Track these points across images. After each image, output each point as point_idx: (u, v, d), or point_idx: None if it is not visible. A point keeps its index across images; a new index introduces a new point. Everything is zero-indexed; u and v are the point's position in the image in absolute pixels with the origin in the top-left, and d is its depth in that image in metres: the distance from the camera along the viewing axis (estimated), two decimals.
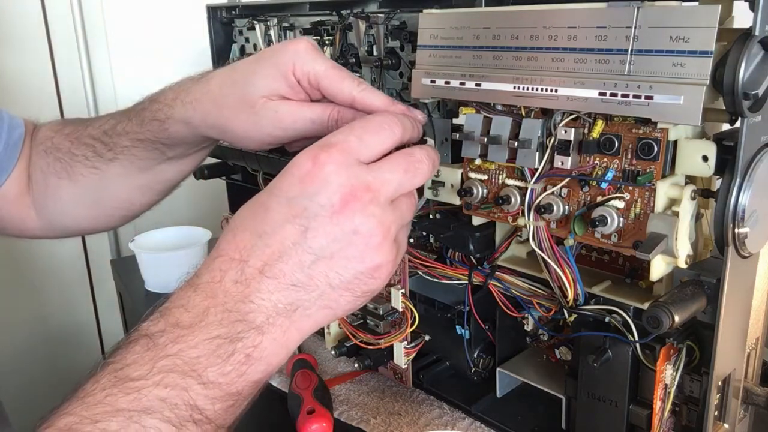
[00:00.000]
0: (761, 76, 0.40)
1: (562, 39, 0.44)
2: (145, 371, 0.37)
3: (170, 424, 0.36)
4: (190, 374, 0.37)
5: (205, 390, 0.38)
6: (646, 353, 0.48)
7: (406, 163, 0.43)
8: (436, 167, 0.46)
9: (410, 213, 0.45)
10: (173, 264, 1.00)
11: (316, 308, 0.41)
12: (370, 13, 0.63)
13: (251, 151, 0.75)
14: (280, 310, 0.40)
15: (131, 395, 0.36)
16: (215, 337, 0.39)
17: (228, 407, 0.39)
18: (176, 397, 0.37)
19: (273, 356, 0.40)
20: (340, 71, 0.51)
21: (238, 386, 0.39)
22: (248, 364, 0.39)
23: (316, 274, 0.41)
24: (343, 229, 0.40)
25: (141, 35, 1.45)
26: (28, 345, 1.47)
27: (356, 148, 0.42)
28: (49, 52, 1.39)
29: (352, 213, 0.40)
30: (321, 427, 0.58)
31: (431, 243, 0.65)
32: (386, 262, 0.42)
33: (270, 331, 0.40)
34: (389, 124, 0.44)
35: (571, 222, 0.47)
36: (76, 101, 1.43)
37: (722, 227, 0.42)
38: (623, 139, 0.45)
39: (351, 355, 0.66)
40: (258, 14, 0.78)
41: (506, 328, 0.60)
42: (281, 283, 0.40)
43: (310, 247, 0.40)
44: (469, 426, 0.61)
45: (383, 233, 0.41)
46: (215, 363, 0.38)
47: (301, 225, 0.40)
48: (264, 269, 0.40)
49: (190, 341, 0.38)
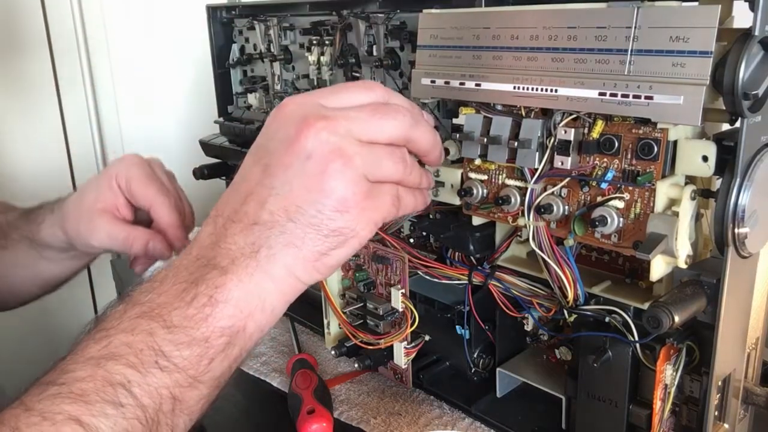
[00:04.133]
0: (761, 76, 0.40)
1: (562, 39, 0.44)
2: (116, 321, 0.38)
3: (135, 370, 0.36)
4: (155, 318, 0.38)
5: (170, 334, 0.38)
6: (646, 353, 0.48)
7: (375, 105, 0.42)
8: (421, 124, 0.44)
9: (391, 162, 0.42)
10: None
11: (280, 246, 0.40)
12: (370, 13, 0.63)
13: None
14: (245, 251, 0.40)
15: (101, 342, 0.37)
16: (182, 282, 0.39)
17: (197, 357, 0.38)
18: (141, 342, 0.37)
19: (242, 301, 0.39)
20: (148, 180, 0.64)
21: (204, 330, 0.38)
22: (212, 306, 0.38)
23: (277, 210, 0.40)
24: (298, 157, 0.39)
25: (141, 35, 1.45)
26: (28, 345, 1.47)
27: (325, 93, 0.42)
28: (49, 53, 1.39)
29: (305, 138, 0.39)
30: (321, 427, 0.58)
31: (431, 243, 0.65)
32: (352, 196, 0.40)
33: (233, 271, 0.39)
34: (366, 85, 0.44)
35: (571, 222, 0.47)
36: (76, 102, 1.43)
37: (722, 227, 0.42)
38: (623, 139, 0.45)
39: (351, 355, 0.66)
40: (258, 14, 0.78)
41: (506, 328, 0.60)
42: (245, 224, 0.40)
43: (270, 183, 0.40)
44: (469, 426, 0.61)
45: (343, 161, 0.39)
46: (179, 306, 0.38)
47: (263, 164, 0.41)
48: (232, 215, 0.41)
49: (159, 290, 0.39)
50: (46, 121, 1.42)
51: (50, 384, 0.36)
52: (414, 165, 0.45)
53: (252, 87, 0.83)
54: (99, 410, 0.35)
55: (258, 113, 0.81)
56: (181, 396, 0.38)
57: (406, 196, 0.45)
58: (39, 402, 0.35)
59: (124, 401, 0.36)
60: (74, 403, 0.35)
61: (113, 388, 0.36)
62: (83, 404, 0.35)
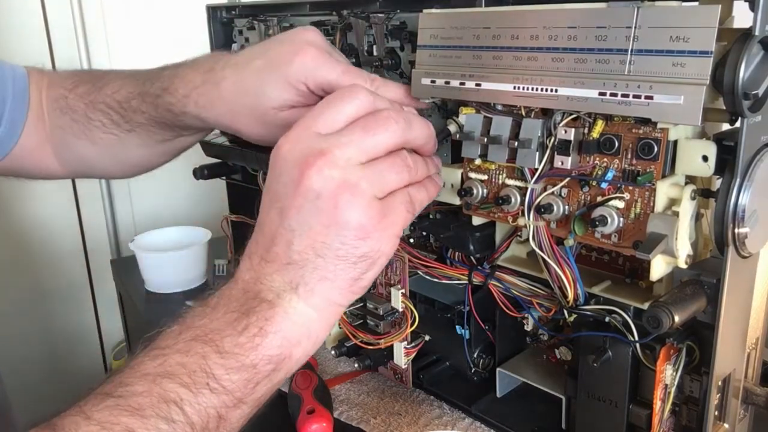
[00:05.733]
0: (761, 76, 0.40)
1: (562, 39, 0.44)
2: (172, 341, 0.40)
3: (187, 389, 0.38)
4: (208, 343, 0.40)
5: (222, 359, 0.40)
6: (646, 353, 0.48)
7: (365, 121, 0.43)
8: (412, 123, 0.44)
9: (394, 173, 0.43)
10: (173, 264, 1.00)
11: (315, 282, 0.42)
12: (370, 13, 0.63)
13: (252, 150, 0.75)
14: (286, 288, 0.42)
15: (157, 360, 0.39)
16: (233, 311, 0.41)
17: (245, 381, 0.40)
18: (194, 364, 0.39)
19: (289, 332, 0.42)
20: (351, 75, 0.51)
21: (253, 358, 0.40)
22: (262, 336, 0.41)
23: (304, 249, 0.42)
24: (307, 198, 0.41)
25: (141, 35, 1.45)
26: (28, 345, 1.47)
27: (311, 123, 0.43)
28: (50, 53, 1.39)
29: (309, 180, 0.41)
30: (321, 427, 0.58)
31: (431, 243, 0.65)
32: (369, 220, 0.41)
33: (280, 304, 0.42)
34: (350, 94, 0.44)
35: (571, 222, 0.47)
36: None
37: (722, 227, 0.42)
38: (623, 139, 0.45)
39: (351, 355, 0.66)
40: (258, 14, 0.78)
41: (506, 328, 0.60)
42: (279, 264, 0.42)
43: (289, 225, 0.42)
44: (469, 426, 0.61)
45: (351, 191, 0.41)
46: (231, 334, 0.40)
47: (278, 208, 0.42)
48: (264, 255, 0.43)
49: (212, 316, 0.42)
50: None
51: (108, 395, 0.38)
52: (417, 161, 0.46)
53: None
54: (153, 425, 0.37)
55: None
56: (226, 415, 0.40)
57: (417, 194, 0.46)
58: (98, 411, 0.37)
59: (176, 418, 0.38)
60: (131, 416, 0.37)
61: (167, 404, 0.38)
62: (139, 418, 0.37)
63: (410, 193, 0.45)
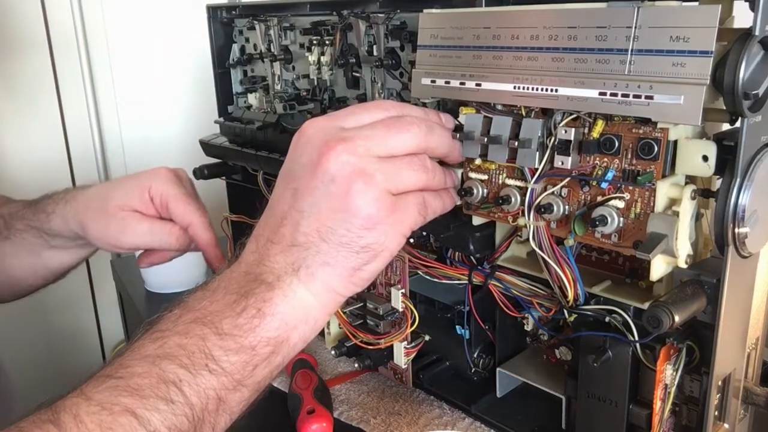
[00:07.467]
0: (761, 76, 0.40)
1: (562, 39, 0.44)
2: (172, 324, 0.41)
3: (186, 370, 0.39)
4: (207, 325, 0.40)
5: (221, 340, 0.40)
6: (646, 353, 0.48)
7: (389, 121, 0.45)
8: (435, 130, 0.46)
9: (411, 171, 0.45)
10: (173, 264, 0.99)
11: (317, 266, 0.43)
12: (370, 13, 0.63)
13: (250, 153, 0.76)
14: (287, 270, 0.43)
15: (157, 342, 0.40)
16: (233, 293, 0.42)
17: (244, 363, 0.41)
18: (193, 345, 0.40)
19: (287, 315, 0.42)
20: (187, 198, 0.62)
21: (251, 339, 0.41)
22: (260, 318, 0.41)
23: (310, 231, 0.42)
24: (322, 180, 0.42)
25: (141, 35, 1.45)
26: (28, 345, 1.47)
27: (342, 116, 0.45)
28: (50, 53, 1.39)
29: (327, 162, 0.42)
30: (321, 427, 0.58)
31: (431, 243, 0.65)
32: (377, 212, 0.42)
33: (279, 287, 0.42)
34: (386, 104, 0.46)
35: (571, 222, 0.47)
36: (76, 101, 1.43)
37: (722, 227, 0.42)
38: (623, 139, 0.45)
39: (351, 355, 0.66)
40: (258, 14, 0.78)
41: (506, 328, 0.60)
42: (284, 245, 0.43)
43: (300, 206, 0.43)
44: (469, 426, 0.61)
45: (365, 180, 0.42)
46: (230, 315, 0.41)
47: (292, 188, 0.43)
48: (271, 236, 0.44)
49: (211, 298, 0.42)
50: (45, 121, 1.42)
51: (109, 377, 0.38)
52: (436, 168, 0.47)
53: (252, 87, 0.83)
54: (152, 405, 0.37)
55: (258, 113, 0.81)
56: (225, 397, 0.40)
57: (433, 201, 0.47)
58: (98, 393, 0.38)
59: (175, 398, 0.38)
60: (131, 396, 0.37)
61: (166, 385, 0.38)
62: (138, 398, 0.37)
63: (425, 197, 0.46)
